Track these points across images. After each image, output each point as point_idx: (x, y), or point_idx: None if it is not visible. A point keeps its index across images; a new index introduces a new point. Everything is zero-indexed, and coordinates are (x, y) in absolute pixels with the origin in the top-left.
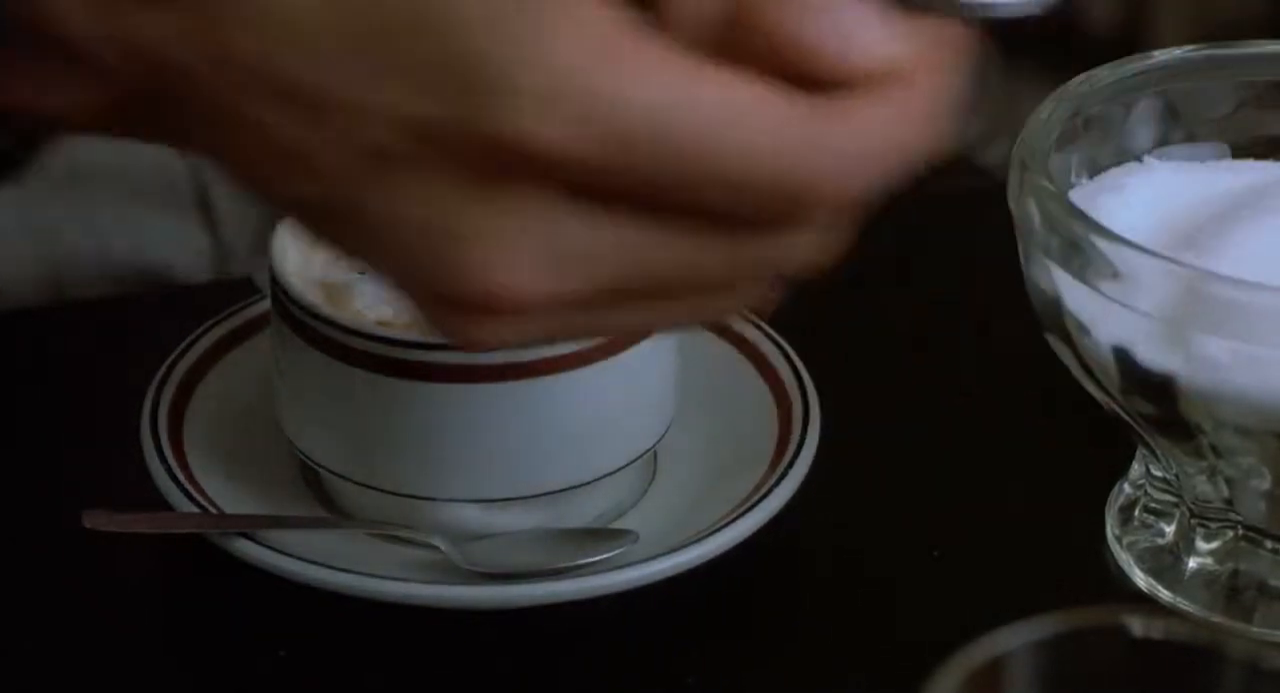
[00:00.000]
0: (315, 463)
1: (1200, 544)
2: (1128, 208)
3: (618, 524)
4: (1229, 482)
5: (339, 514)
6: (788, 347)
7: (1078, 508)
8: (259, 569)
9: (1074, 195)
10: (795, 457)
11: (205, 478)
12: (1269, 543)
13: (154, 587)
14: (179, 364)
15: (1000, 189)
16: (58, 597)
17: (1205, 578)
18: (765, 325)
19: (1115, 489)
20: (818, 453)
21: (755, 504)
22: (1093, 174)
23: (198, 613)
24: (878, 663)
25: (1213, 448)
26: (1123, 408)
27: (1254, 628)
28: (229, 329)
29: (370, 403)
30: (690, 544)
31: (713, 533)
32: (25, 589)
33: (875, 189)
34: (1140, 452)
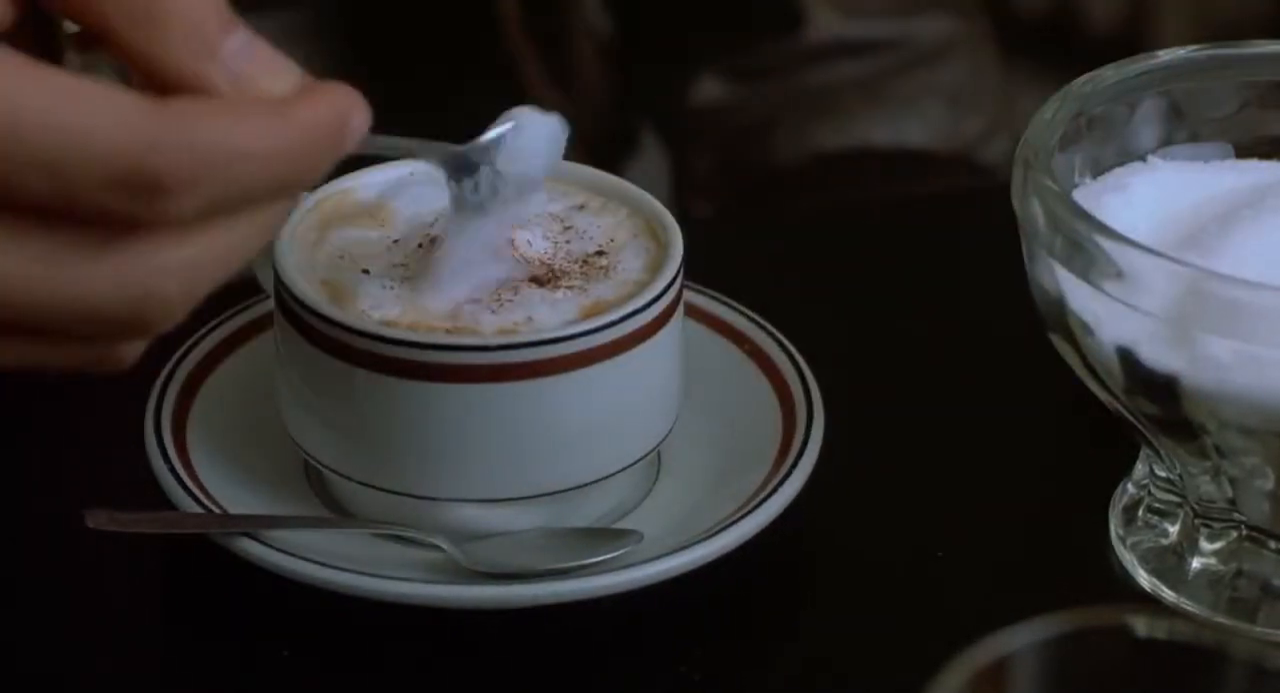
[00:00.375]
0: (318, 463)
1: (1204, 545)
2: (1131, 208)
3: (621, 524)
4: (1233, 482)
5: (342, 514)
6: (791, 347)
7: (1081, 508)
8: (262, 569)
9: (1078, 195)
10: (799, 457)
11: (208, 478)
12: (1273, 543)
13: (157, 587)
14: (182, 364)
15: (1002, 189)
16: (60, 597)
17: (1209, 578)
18: (768, 325)
19: (1119, 489)
20: (821, 453)
21: (759, 505)
22: (1096, 174)
23: (201, 613)
24: (881, 664)
25: (1216, 448)
26: (1126, 408)
27: (1257, 628)
28: (232, 329)
29: (374, 403)
30: (694, 545)
31: (716, 533)
32: (28, 589)
33: (228, 195)
34: (1144, 452)
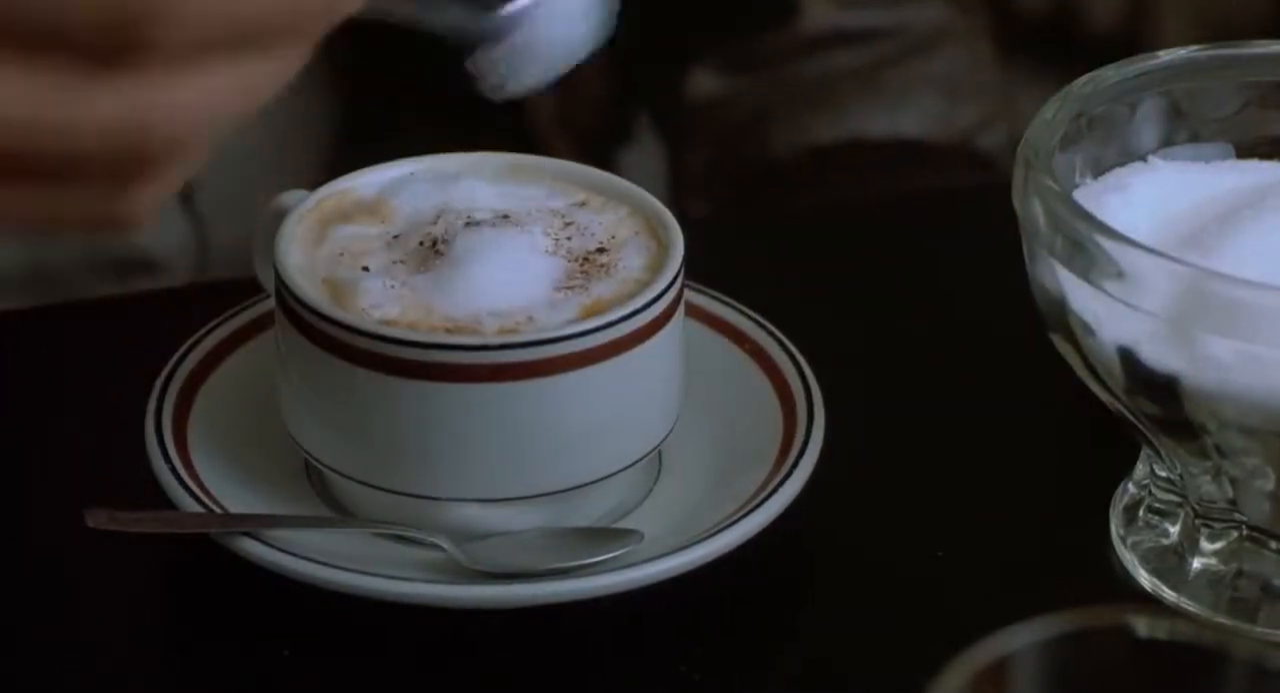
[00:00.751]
0: (319, 462)
1: (1205, 545)
2: (1132, 208)
3: (622, 524)
4: (1233, 482)
5: (343, 514)
6: (792, 346)
7: (1082, 508)
8: (263, 569)
9: (1078, 195)
10: (799, 457)
11: (209, 477)
12: (1273, 543)
13: (158, 586)
14: (183, 363)
15: (1002, 187)
16: (61, 597)
17: (1209, 578)
18: (769, 325)
19: (1119, 489)
20: (822, 453)
21: (759, 504)
22: (1097, 174)
23: (202, 612)
24: (882, 664)
25: (1217, 448)
26: (1127, 408)
27: (1258, 628)
28: (233, 328)
29: (375, 402)
30: (694, 544)
31: (717, 533)
32: (29, 589)
33: (227, 27)
34: (1144, 452)
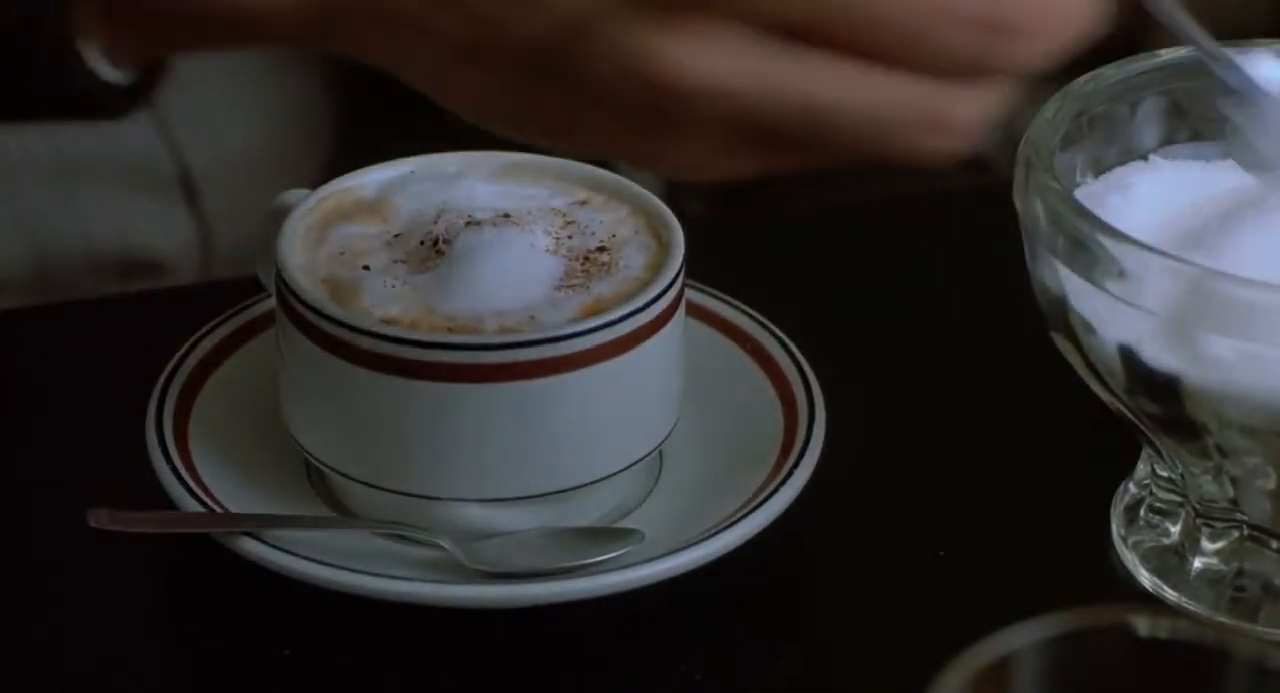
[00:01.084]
0: (320, 462)
1: (1205, 544)
2: (1133, 207)
3: (623, 524)
4: (1234, 481)
5: (344, 513)
6: (792, 346)
7: (1083, 508)
8: (264, 568)
9: (1079, 194)
10: (800, 456)
11: (210, 477)
12: (1274, 543)
13: (159, 586)
14: (184, 363)
15: (1003, 187)
16: (62, 596)
17: (1210, 578)
18: (770, 325)
19: (1120, 489)
20: (822, 453)
21: (760, 504)
22: (1098, 173)
23: (203, 612)
24: (883, 663)
25: (1218, 447)
26: (1128, 407)
27: (1259, 627)
28: (234, 328)
29: (376, 402)
30: (695, 544)
31: (717, 533)
32: (30, 589)
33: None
34: (1145, 451)
